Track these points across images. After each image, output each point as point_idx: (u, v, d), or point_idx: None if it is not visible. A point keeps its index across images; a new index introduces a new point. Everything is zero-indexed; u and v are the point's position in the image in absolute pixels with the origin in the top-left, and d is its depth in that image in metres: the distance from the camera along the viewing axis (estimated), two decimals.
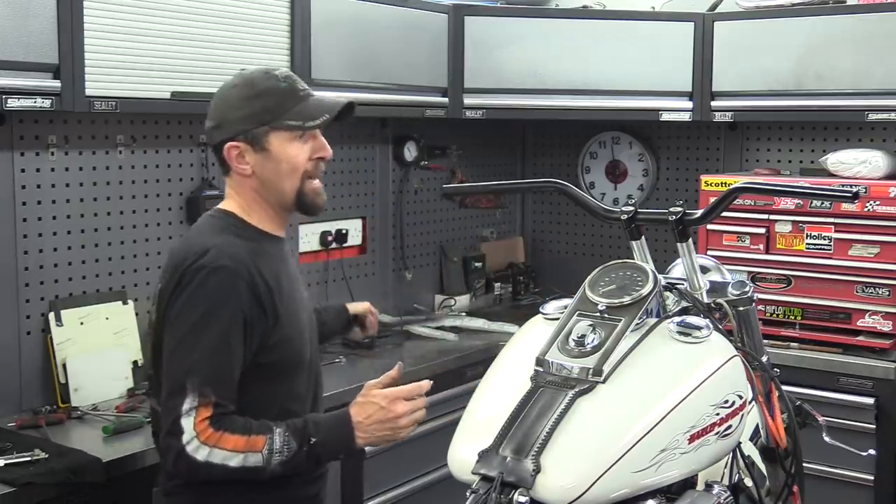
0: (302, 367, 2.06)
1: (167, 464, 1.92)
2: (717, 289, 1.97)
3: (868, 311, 3.23)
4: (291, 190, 2.04)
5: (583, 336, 1.66)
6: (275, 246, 2.09)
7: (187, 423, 1.84)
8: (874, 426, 3.15)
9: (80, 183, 2.80)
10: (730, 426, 1.65)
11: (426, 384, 2.09)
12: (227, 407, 1.88)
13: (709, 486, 1.72)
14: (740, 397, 1.68)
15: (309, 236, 3.54)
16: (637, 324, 1.68)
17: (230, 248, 1.95)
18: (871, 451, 2.86)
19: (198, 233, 2.05)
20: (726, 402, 1.65)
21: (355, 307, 2.60)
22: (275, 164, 2.02)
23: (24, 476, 2.15)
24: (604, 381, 1.59)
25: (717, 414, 1.63)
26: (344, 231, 3.66)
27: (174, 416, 1.85)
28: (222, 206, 2.09)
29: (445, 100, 3.66)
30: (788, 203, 3.31)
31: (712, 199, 1.91)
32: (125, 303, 2.89)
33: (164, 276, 1.99)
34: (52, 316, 2.72)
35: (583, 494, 1.47)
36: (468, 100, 3.69)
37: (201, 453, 1.83)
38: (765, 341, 2.14)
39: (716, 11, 3.73)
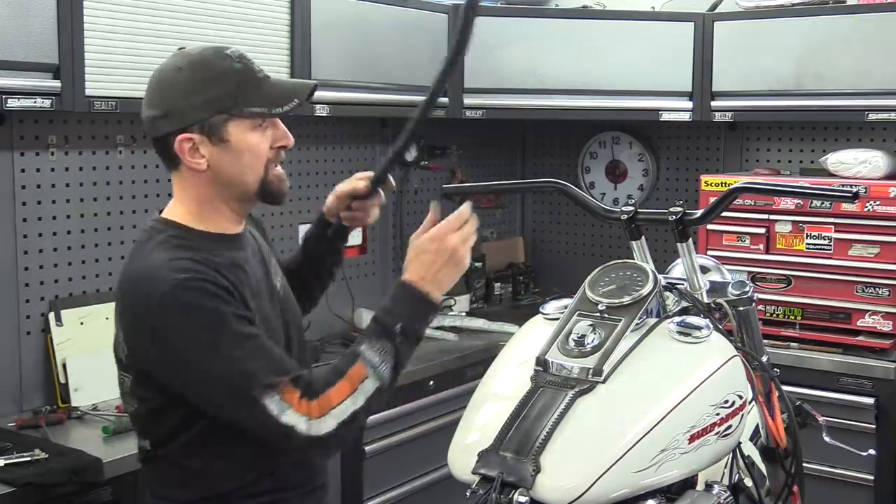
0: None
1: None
2: (717, 289, 1.97)
3: (868, 311, 3.23)
4: (254, 182, 1.83)
5: (583, 336, 1.66)
6: (230, 245, 1.87)
7: (290, 417, 1.65)
8: (874, 426, 3.15)
9: (80, 183, 2.80)
10: (730, 426, 1.65)
11: (466, 208, 1.97)
12: (302, 374, 1.70)
13: (709, 486, 1.72)
14: (740, 397, 1.68)
15: None
16: (637, 324, 1.68)
17: (183, 264, 1.72)
18: (871, 451, 2.85)
19: (139, 257, 1.80)
20: (726, 402, 1.65)
21: (328, 203, 2.23)
22: (234, 156, 1.79)
23: (24, 476, 2.15)
24: (604, 382, 1.59)
25: (717, 414, 1.63)
26: None
27: (270, 424, 1.66)
28: (165, 212, 1.89)
29: (445, 100, 3.66)
30: (788, 203, 3.31)
31: (712, 199, 1.91)
32: None
33: (125, 319, 1.80)
34: (52, 316, 2.72)
35: (583, 494, 1.47)
36: (468, 100, 3.69)
37: (325, 427, 1.66)
38: (765, 341, 2.14)
39: (716, 11, 3.73)
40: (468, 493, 1.52)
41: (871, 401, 3.15)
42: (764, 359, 2.01)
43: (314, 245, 2.26)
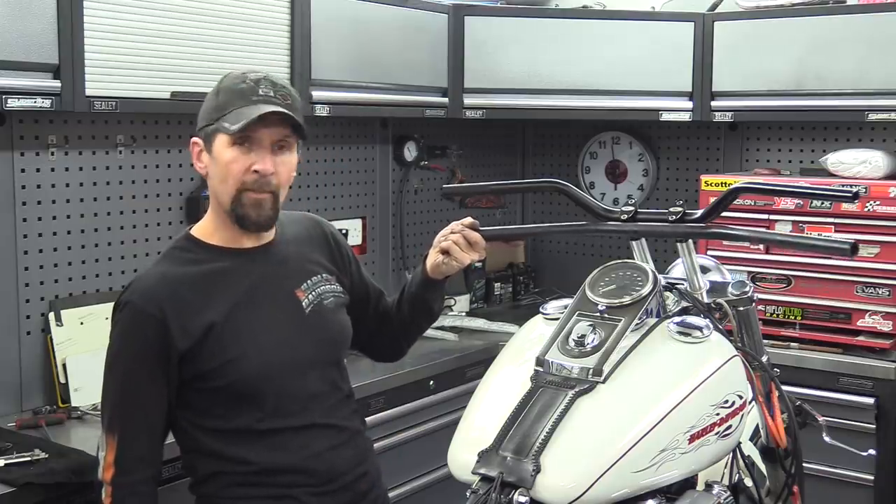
0: (267, 385, 1.92)
1: None
2: (717, 289, 1.97)
3: (868, 311, 3.23)
4: (226, 200, 1.91)
5: (583, 336, 1.66)
6: (240, 260, 1.97)
7: (99, 472, 1.90)
8: (874, 426, 3.15)
9: (80, 183, 2.80)
10: (730, 426, 1.65)
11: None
12: (131, 476, 1.88)
13: (709, 486, 1.72)
14: (740, 397, 1.68)
15: None
16: (637, 324, 1.68)
17: (148, 279, 1.93)
18: (871, 451, 2.86)
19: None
20: (726, 402, 1.65)
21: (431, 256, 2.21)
22: (215, 168, 1.91)
23: (24, 476, 2.15)
24: (604, 381, 1.59)
25: (718, 414, 1.63)
26: (344, 231, 3.66)
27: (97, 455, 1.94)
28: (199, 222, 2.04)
29: (445, 100, 3.66)
30: (788, 203, 3.30)
31: (712, 199, 1.91)
32: None
33: None
34: (52, 316, 2.72)
35: (583, 494, 1.47)
36: (468, 100, 3.69)
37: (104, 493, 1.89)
38: (765, 341, 2.14)
39: (716, 11, 3.73)
40: (468, 493, 1.52)
41: (871, 401, 3.15)
42: (764, 359, 2.01)
43: (411, 308, 2.25)
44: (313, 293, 2.03)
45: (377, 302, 2.26)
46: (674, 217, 1.86)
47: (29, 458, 2.23)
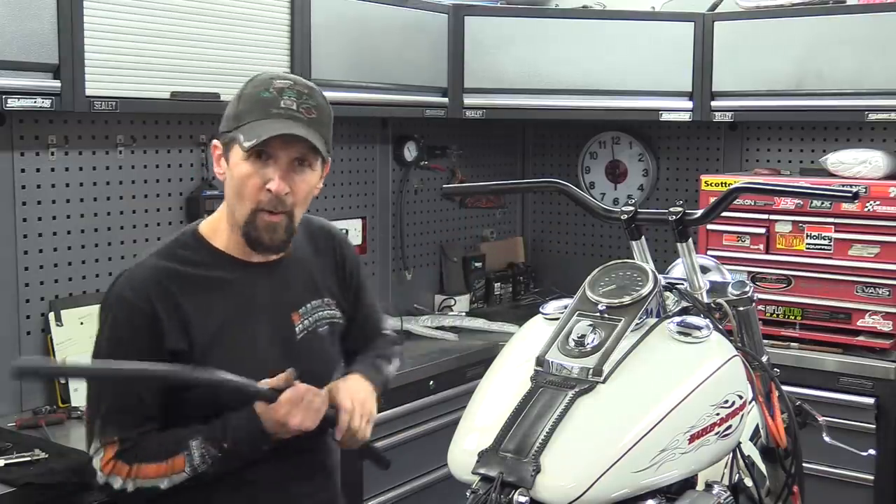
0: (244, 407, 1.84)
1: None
2: (717, 289, 1.97)
3: (868, 311, 3.23)
4: (241, 216, 1.83)
5: (583, 336, 1.66)
6: (243, 274, 1.90)
7: (97, 462, 1.81)
8: (874, 426, 3.15)
9: (80, 183, 2.80)
10: (730, 426, 1.65)
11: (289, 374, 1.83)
12: (132, 440, 1.80)
13: (709, 486, 1.72)
14: (740, 397, 1.68)
15: None
16: (637, 324, 1.68)
17: (143, 272, 1.83)
18: (871, 451, 2.86)
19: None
20: (726, 402, 1.65)
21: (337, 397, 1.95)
22: (231, 178, 1.84)
23: (24, 476, 2.15)
24: (604, 381, 1.59)
25: (717, 414, 1.63)
26: (344, 231, 3.66)
27: (89, 455, 1.84)
28: (205, 219, 1.96)
29: (445, 100, 3.66)
30: (788, 203, 3.31)
31: (712, 199, 1.91)
32: None
33: None
34: (52, 316, 2.72)
35: (583, 494, 1.47)
36: (468, 100, 3.69)
37: (115, 482, 1.79)
38: (765, 341, 2.14)
39: (716, 11, 3.73)
40: (468, 493, 1.52)
41: (871, 401, 3.15)
42: (764, 359, 2.01)
43: None
44: (309, 319, 1.97)
45: (358, 336, 2.14)
46: (674, 217, 1.86)
47: (29, 458, 2.23)
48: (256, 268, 1.92)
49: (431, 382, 3.25)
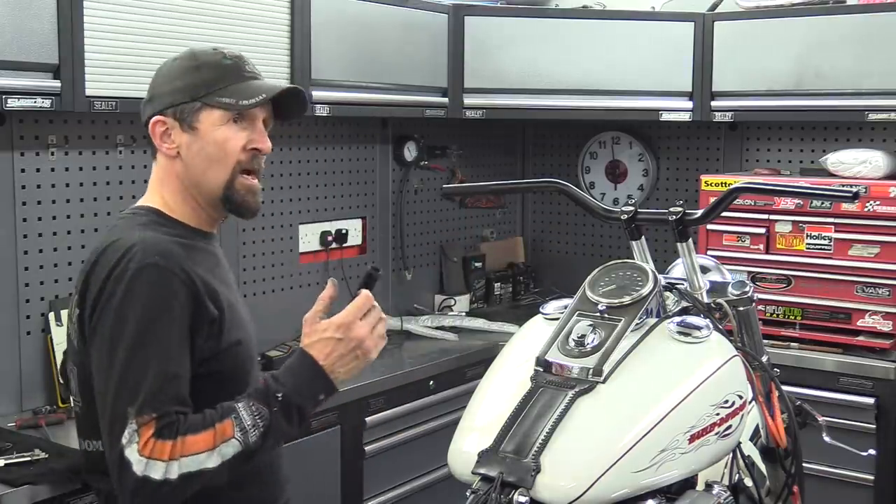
0: (254, 370, 1.87)
1: None
2: (717, 289, 1.97)
3: (868, 311, 3.23)
4: (218, 182, 1.79)
5: (583, 336, 1.66)
6: (206, 242, 1.87)
7: (131, 452, 1.59)
8: (874, 426, 3.15)
9: (80, 183, 2.80)
10: (730, 426, 1.65)
11: (367, 296, 1.80)
12: (171, 415, 1.62)
13: (709, 486, 1.72)
14: (740, 397, 1.68)
15: (309, 236, 3.54)
16: (637, 324, 1.68)
17: (157, 243, 1.71)
18: (871, 451, 2.86)
19: (116, 232, 1.78)
20: (726, 402, 1.65)
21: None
22: (201, 146, 1.78)
23: (24, 476, 2.15)
24: (604, 381, 1.59)
25: (717, 414, 1.63)
26: (344, 231, 3.66)
27: (118, 450, 1.60)
28: (141, 201, 1.87)
29: (445, 100, 3.66)
30: (788, 203, 3.31)
31: (712, 199, 1.91)
32: None
33: (80, 289, 1.74)
34: (52, 316, 2.72)
35: (583, 494, 1.47)
36: (468, 100, 3.69)
37: (156, 471, 1.58)
38: (765, 341, 2.14)
39: (716, 11, 3.73)
40: (468, 493, 1.52)
41: (871, 401, 3.15)
42: (764, 359, 2.01)
43: None
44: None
45: None
46: (674, 217, 1.86)
47: (29, 458, 2.23)
48: (212, 238, 1.91)
49: (431, 382, 3.25)
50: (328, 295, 1.81)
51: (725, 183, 3.37)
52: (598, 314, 1.69)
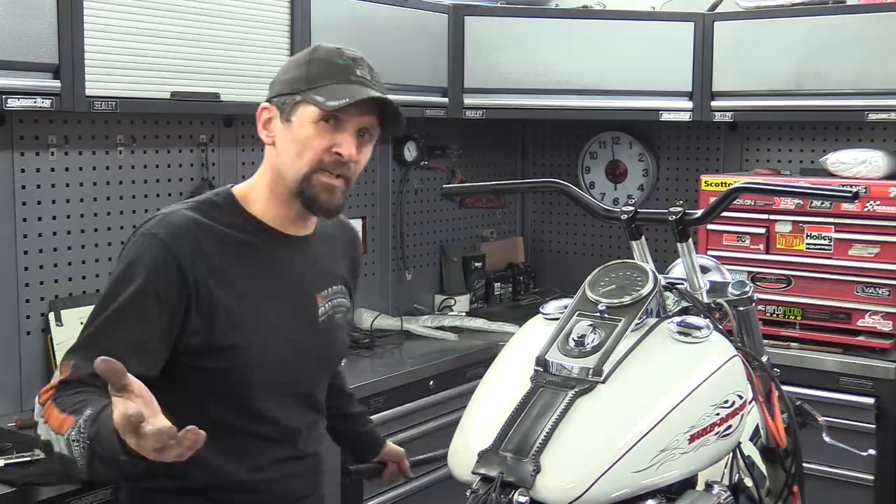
0: (267, 386, 1.81)
1: None
2: (717, 289, 1.96)
3: (868, 311, 3.23)
4: (296, 175, 1.79)
5: (583, 336, 1.65)
6: (274, 244, 1.85)
7: (38, 396, 1.63)
8: (874, 426, 3.15)
9: (80, 183, 2.80)
10: (730, 426, 1.65)
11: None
12: (77, 383, 1.59)
13: (709, 486, 1.72)
14: (740, 397, 1.68)
15: None
16: (637, 324, 1.68)
17: (174, 220, 1.74)
18: (871, 451, 2.86)
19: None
20: (726, 402, 1.65)
21: (390, 451, 2.39)
22: (290, 140, 1.79)
23: (24, 476, 2.15)
24: (604, 382, 1.58)
25: (717, 414, 1.62)
26: None
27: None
28: (238, 184, 1.90)
29: (445, 100, 3.66)
30: (788, 203, 3.31)
31: (712, 199, 1.91)
32: None
33: None
34: (52, 316, 2.72)
35: (583, 494, 1.47)
36: (468, 100, 3.69)
37: (40, 426, 1.60)
38: (765, 341, 2.14)
39: (716, 11, 3.73)
40: (468, 493, 1.51)
41: (871, 401, 3.15)
42: (764, 359, 2.00)
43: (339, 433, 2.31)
44: (330, 303, 1.95)
45: None
46: (674, 217, 1.86)
47: (29, 458, 2.23)
48: (287, 240, 1.88)
49: (431, 382, 3.25)
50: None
51: (725, 183, 3.37)
52: (598, 314, 1.69)
